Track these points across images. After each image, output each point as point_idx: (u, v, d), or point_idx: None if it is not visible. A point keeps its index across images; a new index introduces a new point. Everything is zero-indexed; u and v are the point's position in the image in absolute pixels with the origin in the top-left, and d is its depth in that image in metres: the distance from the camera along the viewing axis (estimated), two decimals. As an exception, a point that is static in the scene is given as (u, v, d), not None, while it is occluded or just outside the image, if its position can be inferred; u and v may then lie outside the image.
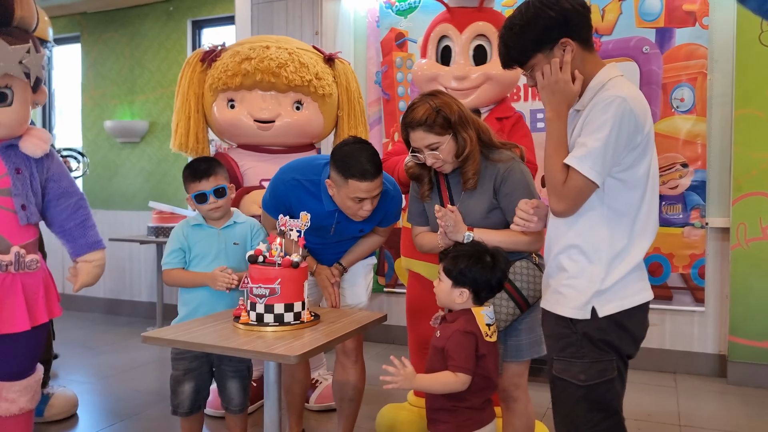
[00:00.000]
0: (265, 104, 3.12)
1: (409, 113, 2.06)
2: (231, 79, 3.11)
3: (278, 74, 3.06)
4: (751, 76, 3.56)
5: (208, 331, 1.85)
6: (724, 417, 3.20)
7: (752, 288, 3.59)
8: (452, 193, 2.13)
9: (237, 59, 3.14)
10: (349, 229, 2.40)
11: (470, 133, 2.05)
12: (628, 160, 1.61)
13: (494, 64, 2.77)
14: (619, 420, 1.70)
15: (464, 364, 1.75)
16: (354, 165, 2.12)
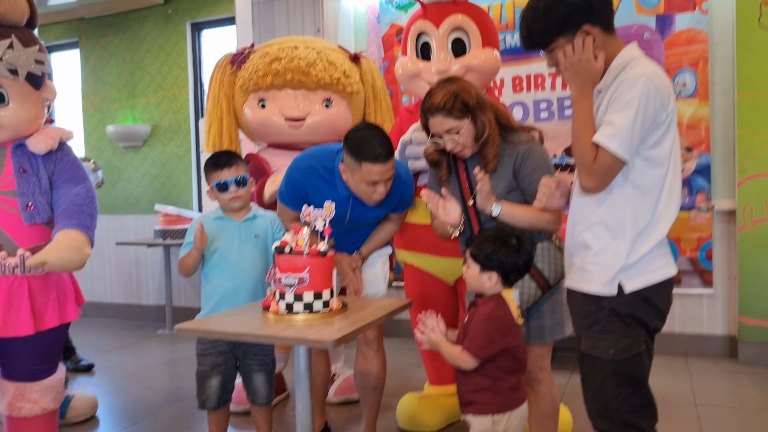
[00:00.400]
0: (295, 102, 3.15)
1: (427, 99, 2.09)
2: (262, 79, 3.15)
3: (308, 73, 3.11)
4: (751, 60, 3.61)
5: (239, 322, 1.87)
6: (737, 395, 3.24)
7: (760, 268, 3.63)
8: (470, 177, 2.16)
9: (267, 60, 3.17)
10: (364, 215, 2.43)
11: (489, 116, 2.08)
12: (653, 138, 1.64)
13: (473, 55, 2.79)
14: (647, 393, 1.74)
15: (473, 347, 1.77)
16: (367, 148, 2.17)
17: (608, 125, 1.62)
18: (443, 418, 2.91)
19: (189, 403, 3.39)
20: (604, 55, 1.70)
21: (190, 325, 1.84)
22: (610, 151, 1.61)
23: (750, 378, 3.47)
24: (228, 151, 2.56)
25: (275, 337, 1.71)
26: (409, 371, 3.82)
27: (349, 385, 3.30)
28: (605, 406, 1.72)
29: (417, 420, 2.87)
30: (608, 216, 1.68)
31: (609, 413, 1.72)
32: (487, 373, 1.80)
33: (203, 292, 2.47)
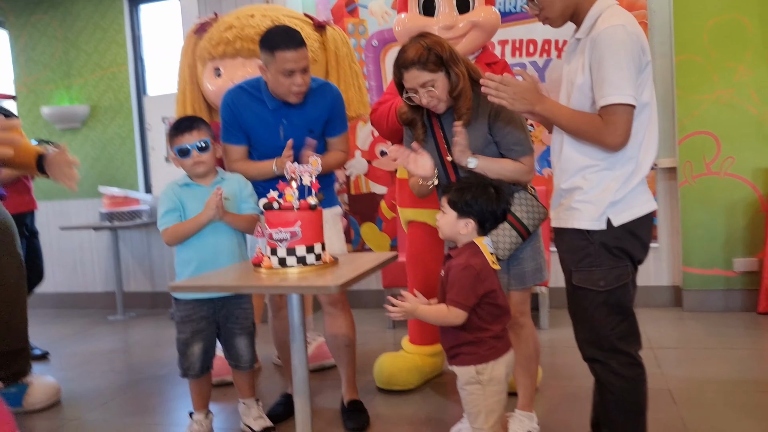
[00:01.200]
0: (246, 71, 3.10)
1: (401, 55, 2.11)
2: (215, 48, 3.12)
3: (257, 41, 3.06)
4: (688, 23, 3.81)
5: (234, 278, 1.86)
6: (686, 338, 3.47)
7: (701, 221, 3.88)
8: (446, 133, 2.20)
9: (221, 28, 3.15)
10: (298, 127, 2.46)
11: (462, 69, 2.11)
12: (637, 82, 1.73)
13: (478, 11, 2.84)
14: (634, 320, 1.85)
15: (459, 299, 1.80)
16: (278, 38, 2.31)
17: (602, 84, 1.68)
18: (420, 376, 2.98)
19: (156, 381, 3.34)
20: None
21: (185, 282, 1.81)
22: (619, 103, 1.67)
23: (695, 322, 3.72)
24: (190, 117, 2.50)
25: (279, 287, 1.72)
26: (381, 338, 3.87)
27: (321, 352, 3.32)
28: (597, 334, 1.82)
29: (394, 379, 2.92)
30: (598, 160, 1.76)
31: (599, 341, 1.82)
32: (470, 325, 1.83)
33: (178, 259, 2.41)
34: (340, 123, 2.60)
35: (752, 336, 3.41)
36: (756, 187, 3.79)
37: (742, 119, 3.77)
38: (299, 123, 2.47)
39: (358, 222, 4.57)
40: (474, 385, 1.86)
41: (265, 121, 2.46)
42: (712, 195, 3.85)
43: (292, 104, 2.44)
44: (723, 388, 2.71)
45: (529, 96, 1.79)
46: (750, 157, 3.78)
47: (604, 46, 1.69)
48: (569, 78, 1.85)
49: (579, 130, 1.76)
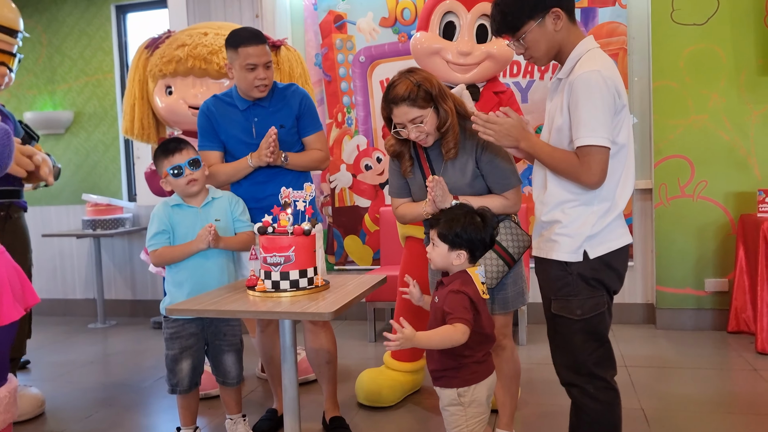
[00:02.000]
0: (197, 90, 3.14)
1: (391, 91, 2.15)
2: (166, 65, 3.16)
3: (210, 60, 3.12)
4: (665, 51, 3.95)
5: (228, 301, 1.92)
6: (658, 356, 3.59)
7: (674, 242, 4.01)
8: (433, 165, 2.27)
9: (173, 46, 3.19)
10: (270, 123, 2.57)
11: (450, 105, 2.18)
12: (612, 124, 1.82)
13: (495, 43, 2.93)
14: (609, 347, 1.94)
15: (461, 315, 1.84)
16: (240, 35, 2.51)
17: (580, 126, 1.77)
18: (401, 392, 3.04)
19: (140, 393, 3.36)
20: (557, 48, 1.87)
21: (182, 305, 1.86)
22: (594, 145, 1.76)
23: (668, 341, 3.84)
24: (176, 138, 2.53)
25: (273, 312, 1.77)
26: (362, 351, 3.93)
27: (304, 367, 3.37)
28: (574, 360, 1.91)
29: (376, 395, 2.97)
30: (576, 195, 1.85)
31: (577, 367, 1.91)
32: (454, 351, 1.88)
33: (169, 279, 2.45)
34: (312, 121, 2.69)
35: (721, 355, 3.54)
36: (727, 211, 3.94)
37: (715, 145, 3.91)
38: (269, 119, 2.59)
39: (342, 235, 4.63)
40: (456, 406, 1.93)
41: (237, 122, 2.61)
42: (686, 217, 3.99)
43: (261, 103, 2.58)
44: (693, 409, 2.82)
45: (515, 132, 1.88)
46: (722, 182, 3.92)
47: (581, 90, 1.77)
48: (551, 115, 1.94)
49: (558, 168, 1.85)
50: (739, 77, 3.86)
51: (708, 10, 3.86)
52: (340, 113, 4.55)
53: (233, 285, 2.20)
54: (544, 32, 1.85)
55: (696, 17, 3.88)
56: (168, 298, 2.44)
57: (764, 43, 3.80)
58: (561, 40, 1.87)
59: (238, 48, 2.48)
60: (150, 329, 4.76)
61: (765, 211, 3.64)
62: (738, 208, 3.91)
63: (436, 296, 1.97)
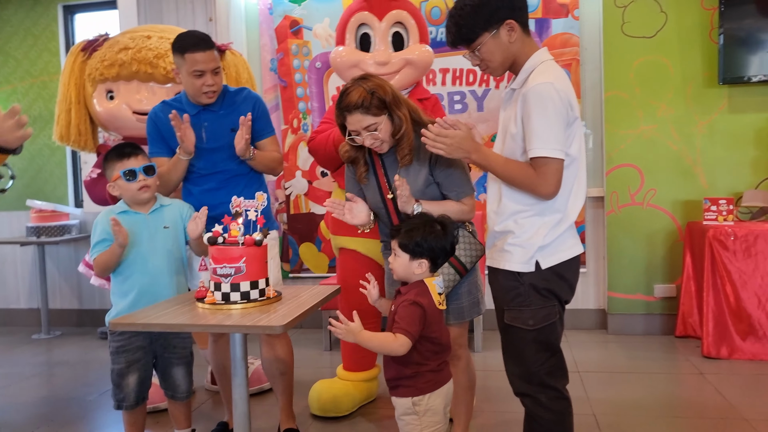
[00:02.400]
0: (142, 95, 3.06)
1: (344, 98, 2.13)
2: (108, 69, 3.07)
3: (156, 65, 3.04)
4: (616, 62, 4.04)
5: (176, 314, 1.86)
6: (608, 361, 3.65)
7: (625, 248, 4.10)
8: (387, 171, 2.25)
9: (115, 49, 3.09)
10: (220, 127, 2.53)
11: (404, 112, 2.16)
12: (565, 136, 1.84)
13: (412, 49, 2.93)
14: (561, 357, 1.96)
15: (408, 328, 1.83)
16: (187, 40, 2.45)
17: (533, 138, 1.78)
18: (354, 402, 3.01)
19: (85, 407, 3.24)
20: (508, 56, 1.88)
21: (126, 319, 1.79)
22: (549, 157, 1.77)
23: (619, 345, 3.92)
24: (131, 143, 2.46)
25: (223, 326, 1.72)
26: (317, 360, 3.89)
27: (257, 377, 3.31)
28: (527, 370, 1.92)
29: (329, 406, 2.94)
30: (529, 206, 1.86)
31: (529, 376, 1.91)
32: (411, 360, 1.87)
33: (115, 289, 2.37)
34: (265, 125, 2.64)
35: (669, 360, 3.63)
36: (675, 218, 4.04)
37: (664, 154, 4.02)
38: (220, 124, 2.53)
39: (297, 242, 4.57)
40: (410, 415, 1.91)
41: None
42: (636, 224, 4.08)
43: (211, 108, 2.53)
44: (643, 413, 2.87)
45: (465, 145, 1.87)
46: (670, 190, 4.03)
47: (534, 102, 1.78)
48: (504, 125, 1.96)
49: (512, 178, 1.85)
50: (686, 89, 3.97)
51: (657, 24, 3.96)
52: (296, 119, 4.50)
53: (182, 297, 2.14)
54: (499, 43, 1.86)
55: (645, 30, 3.98)
56: (113, 310, 2.36)
57: (710, 56, 3.92)
58: (515, 51, 1.88)
59: (185, 54, 2.42)
60: (97, 339, 4.61)
61: (710, 218, 3.74)
62: (685, 216, 4.01)
63: (394, 305, 1.95)
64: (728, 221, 3.71)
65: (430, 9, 4.26)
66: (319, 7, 4.41)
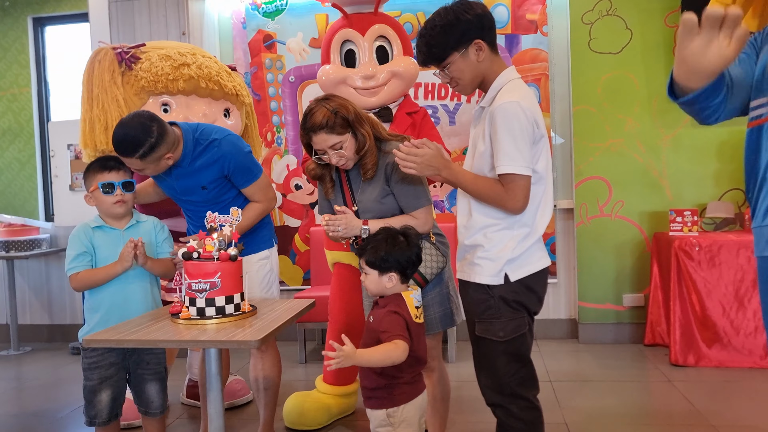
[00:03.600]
0: (201, 109, 3.07)
1: (308, 119, 2.16)
2: (172, 83, 3.05)
3: (218, 82, 3.10)
4: (584, 77, 4.14)
5: (150, 330, 1.86)
6: (580, 370, 3.72)
7: (595, 259, 4.18)
8: (352, 186, 2.29)
9: (173, 63, 3.05)
10: (190, 183, 2.51)
11: (367, 129, 2.21)
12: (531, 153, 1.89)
13: (397, 62, 2.98)
14: (531, 367, 2.00)
15: (401, 332, 1.86)
16: (117, 146, 2.32)
17: (501, 155, 1.83)
18: (327, 416, 3.02)
19: (55, 425, 3.19)
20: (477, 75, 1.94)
21: (99, 335, 1.79)
22: (516, 173, 1.83)
23: (590, 354, 3.99)
24: (115, 157, 2.44)
25: (198, 341, 1.73)
26: (292, 372, 3.88)
27: (231, 390, 3.30)
28: (498, 380, 1.96)
29: (302, 419, 2.95)
30: (498, 220, 1.92)
31: (501, 387, 1.96)
32: (386, 371, 1.90)
33: (88, 304, 2.35)
34: (242, 175, 2.55)
35: (639, 368, 3.70)
36: (642, 229, 4.14)
37: (631, 167, 4.12)
38: (189, 181, 2.51)
39: (272, 254, 4.56)
40: (385, 427, 1.94)
41: (160, 175, 2.54)
42: (605, 235, 4.17)
43: (181, 163, 2.47)
44: (613, 421, 2.93)
45: (435, 162, 1.92)
46: (637, 202, 4.13)
47: (500, 120, 1.84)
48: (473, 141, 2.01)
49: (481, 195, 1.90)
50: (652, 103, 4.08)
51: (622, 40, 4.08)
52: (270, 132, 4.52)
53: (156, 312, 2.14)
54: (468, 62, 1.91)
55: (611, 46, 4.09)
56: (86, 326, 2.34)
57: (673, 71, 4.04)
58: (484, 70, 1.94)
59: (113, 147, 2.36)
60: (68, 355, 4.54)
61: (676, 229, 3.85)
62: (652, 227, 4.12)
63: (371, 316, 1.98)
64: (693, 232, 3.81)
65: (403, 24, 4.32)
66: (292, 21, 4.45)
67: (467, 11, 1.88)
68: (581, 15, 4.11)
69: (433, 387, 2.38)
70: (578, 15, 4.11)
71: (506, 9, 4.22)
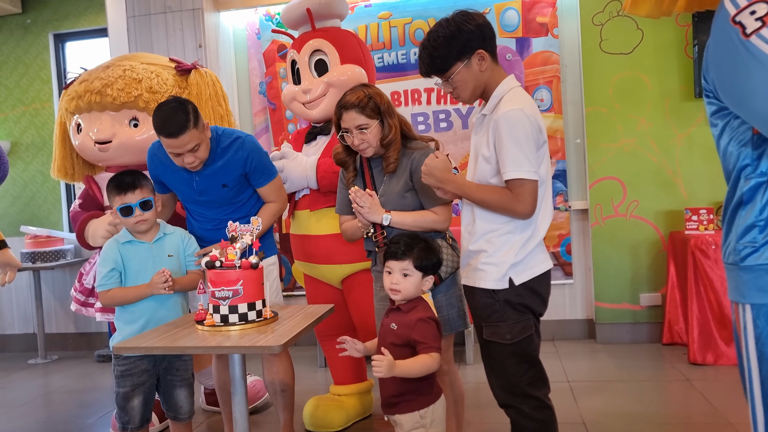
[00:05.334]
0: (99, 124, 3.09)
1: (344, 97, 2.30)
2: (69, 102, 3.13)
3: (104, 93, 3.05)
4: (595, 78, 4.17)
5: (177, 337, 1.93)
6: (598, 370, 3.74)
7: (610, 259, 4.20)
8: (375, 179, 2.36)
9: (77, 82, 3.16)
10: (211, 182, 2.57)
11: (395, 122, 2.31)
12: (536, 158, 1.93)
13: (332, 72, 3.04)
14: (540, 367, 2.04)
15: (434, 344, 1.92)
16: (158, 123, 2.38)
17: (507, 161, 1.88)
18: (347, 417, 3.08)
19: (85, 429, 3.28)
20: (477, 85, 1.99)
21: (129, 343, 1.86)
22: (524, 178, 1.87)
23: (607, 355, 4.01)
24: (131, 171, 2.51)
25: (223, 347, 1.79)
26: (311, 377, 3.95)
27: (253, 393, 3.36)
28: (508, 382, 2.00)
29: (322, 421, 3.01)
30: (500, 226, 1.96)
31: (511, 388, 2.00)
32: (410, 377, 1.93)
33: (120, 316, 2.43)
34: (261, 173, 2.63)
35: (656, 368, 3.72)
36: (658, 228, 4.15)
37: (644, 166, 4.13)
38: (211, 179, 2.57)
39: (289, 261, 4.64)
40: (418, 429, 1.98)
41: (180, 175, 2.59)
42: (620, 235, 4.18)
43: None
44: (632, 420, 2.95)
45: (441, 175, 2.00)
46: (651, 201, 4.14)
47: (506, 127, 1.88)
48: (476, 148, 2.05)
49: (489, 203, 1.94)
50: (664, 103, 4.09)
51: (633, 41, 4.10)
52: (285, 140, 4.57)
53: (182, 319, 2.21)
54: (471, 72, 1.97)
55: (623, 47, 4.11)
56: (118, 335, 2.42)
57: (686, 70, 4.05)
58: (486, 80, 1.99)
59: (159, 137, 2.42)
60: (94, 363, 4.65)
61: (692, 228, 3.86)
62: (667, 226, 4.12)
63: (393, 322, 1.99)
64: (709, 230, 3.82)
65: (414, 30, 4.38)
66: (306, 31, 4.51)
67: (469, 22, 1.93)
68: (592, 16, 4.14)
69: (446, 390, 2.39)
70: (589, 16, 4.14)
71: (516, 12, 4.26)
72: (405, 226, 2.22)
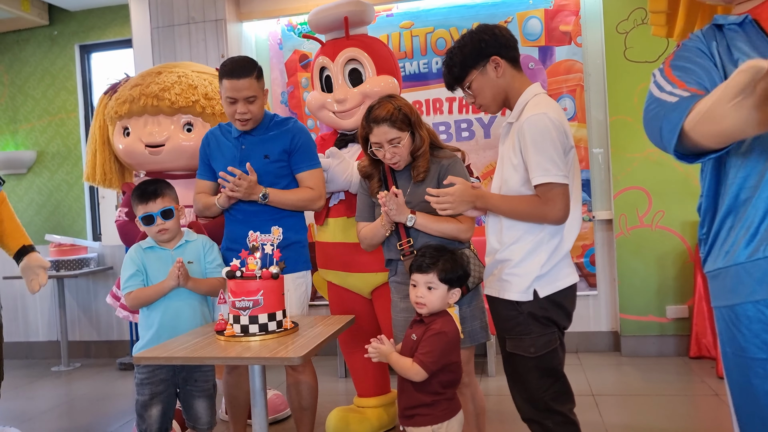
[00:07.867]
0: (152, 128, 3.14)
1: (372, 111, 2.28)
2: (120, 106, 3.16)
3: (162, 97, 3.10)
4: (620, 87, 4.11)
5: (197, 347, 1.92)
6: (624, 384, 3.66)
7: (635, 270, 4.12)
8: (399, 187, 2.33)
9: (128, 87, 3.20)
10: (256, 150, 2.58)
11: (424, 133, 2.31)
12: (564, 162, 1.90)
13: (369, 83, 3.01)
14: (565, 381, 1.99)
15: (426, 360, 1.89)
16: (227, 64, 2.51)
17: (536, 167, 1.85)
18: (371, 429, 3.05)
19: (109, 439, 3.29)
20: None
21: (149, 353, 1.86)
22: (553, 182, 1.83)
23: (633, 368, 3.93)
24: (154, 180, 2.54)
25: (243, 358, 1.78)
26: (332, 387, 3.92)
27: (273, 405, 3.35)
28: (531, 396, 1.96)
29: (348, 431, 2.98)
30: (526, 236, 1.92)
31: (535, 402, 1.96)
32: (429, 389, 1.92)
33: (142, 322, 2.45)
34: (305, 158, 2.61)
35: (684, 381, 3.63)
36: (684, 239, 4.07)
37: (670, 176, 4.06)
38: (256, 147, 2.58)
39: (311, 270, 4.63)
40: None
41: (227, 149, 2.63)
42: (645, 246, 4.11)
43: (252, 132, 2.59)
44: (658, 435, 2.88)
45: (468, 197, 1.96)
46: (678, 211, 4.06)
47: (531, 132, 1.86)
48: (503, 157, 2.02)
49: (518, 212, 1.91)
50: (690, 111, 4.02)
51: (659, 48, 4.04)
52: (309, 150, 4.59)
53: (202, 329, 2.20)
54: (487, 79, 1.96)
55: (647, 55, 4.05)
56: (140, 342, 2.43)
57: (712, 78, 3.98)
58: (505, 87, 1.98)
59: (222, 79, 2.49)
60: (116, 371, 4.68)
61: (719, 239, 3.76)
62: (694, 236, 4.04)
63: (414, 333, 1.98)
64: (737, 241, 3.72)
65: (435, 40, 4.37)
66: (327, 40, 4.52)
67: (484, 32, 1.96)
68: (616, 25, 4.09)
69: (469, 403, 2.37)
70: (612, 25, 4.09)
71: (539, 21, 4.23)
72: (428, 229, 2.21)
